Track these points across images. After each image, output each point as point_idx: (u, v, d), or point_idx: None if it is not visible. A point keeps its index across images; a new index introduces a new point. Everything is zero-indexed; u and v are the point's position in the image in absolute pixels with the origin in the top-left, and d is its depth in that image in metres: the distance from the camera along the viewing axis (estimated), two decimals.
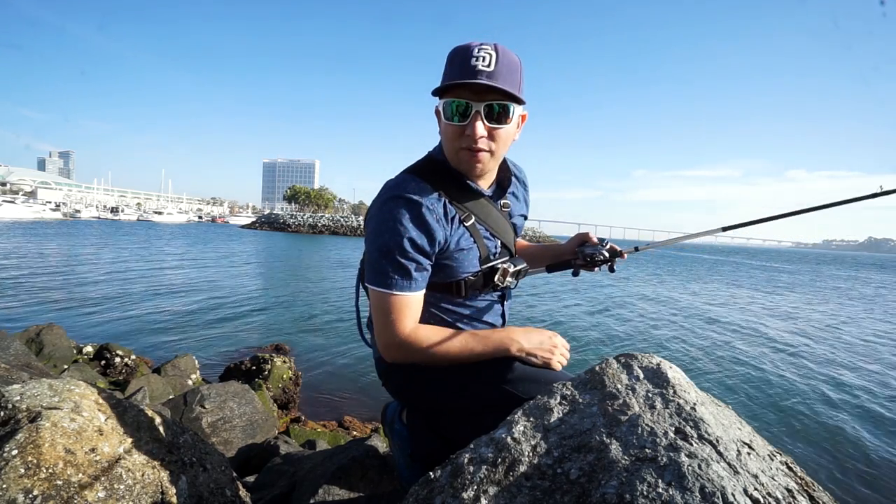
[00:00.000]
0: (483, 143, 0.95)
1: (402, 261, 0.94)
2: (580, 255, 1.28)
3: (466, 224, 1.03)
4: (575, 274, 1.31)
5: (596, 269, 1.28)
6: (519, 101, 0.96)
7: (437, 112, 1.00)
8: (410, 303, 0.97)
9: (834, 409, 5.31)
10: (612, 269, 1.29)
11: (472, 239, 1.04)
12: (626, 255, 1.29)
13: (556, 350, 1.04)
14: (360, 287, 1.31)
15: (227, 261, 19.02)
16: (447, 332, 1.01)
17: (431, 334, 0.99)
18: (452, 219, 1.00)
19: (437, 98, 0.98)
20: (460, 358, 0.99)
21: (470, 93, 0.92)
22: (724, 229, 1.41)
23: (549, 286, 14.28)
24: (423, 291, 1.00)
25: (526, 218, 1.26)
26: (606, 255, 1.24)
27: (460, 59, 0.91)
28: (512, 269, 1.11)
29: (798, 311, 13.36)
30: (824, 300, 16.80)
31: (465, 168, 1.01)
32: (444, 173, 1.03)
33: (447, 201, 1.00)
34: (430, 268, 0.99)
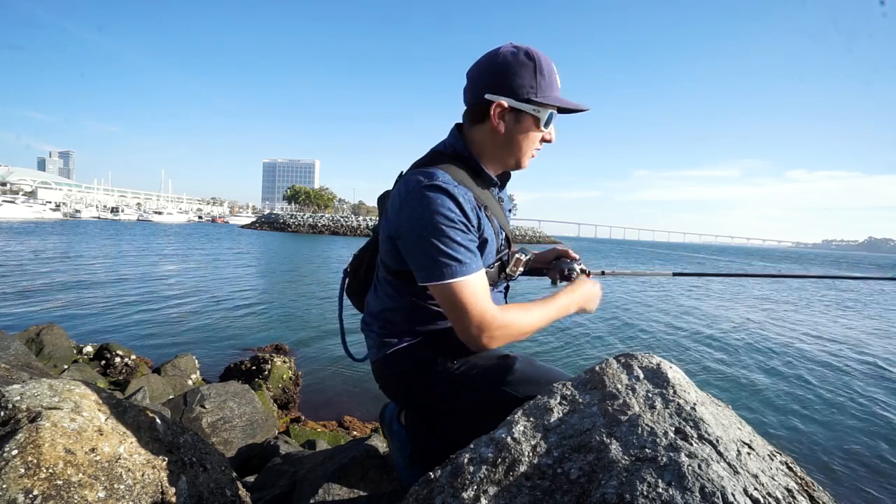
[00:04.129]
0: None
1: (462, 241, 0.92)
2: (555, 267, 1.32)
3: (487, 214, 1.03)
4: (554, 283, 1.35)
5: (560, 282, 1.31)
6: None
7: (507, 112, 1.00)
8: (483, 282, 0.95)
9: (834, 409, 5.31)
10: None
11: (492, 230, 1.04)
12: (591, 276, 1.32)
13: (600, 299, 1.23)
14: (345, 298, 1.33)
15: (227, 261, 19.01)
16: (527, 307, 1.01)
17: (519, 313, 0.98)
18: (478, 208, 1.01)
19: (516, 101, 0.98)
20: (540, 328, 1.03)
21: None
22: (675, 275, 1.51)
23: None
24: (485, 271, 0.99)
25: (510, 211, 1.28)
26: (578, 272, 1.30)
27: (554, 74, 1.01)
28: (524, 258, 1.13)
29: (796, 309, 13.37)
30: (820, 299, 16.80)
31: (524, 166, 1.09)
32: (461, 166, 1.03)
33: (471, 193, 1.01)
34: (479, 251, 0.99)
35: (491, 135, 1.03)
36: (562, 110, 1.04)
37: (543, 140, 1.07)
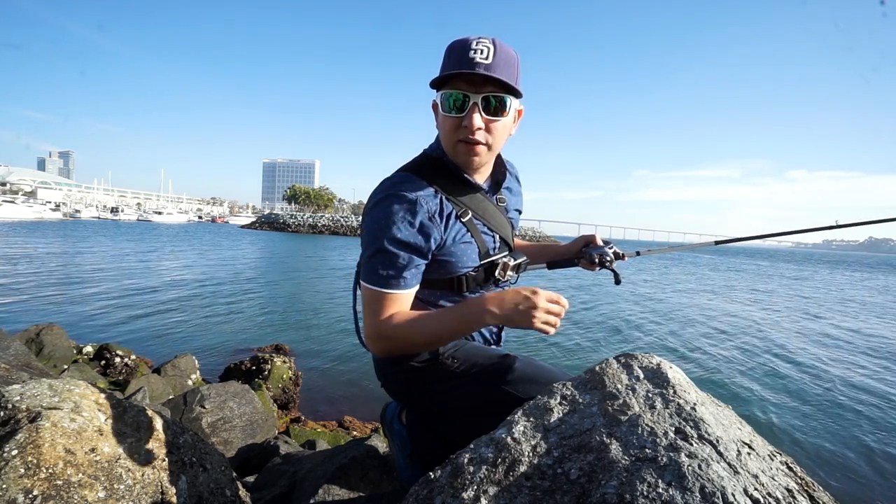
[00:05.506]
0: (480, 136, 0.95)
1: (394, 260, 0.94)
2: (586, 255, 1.29)
3: (463, 220, 1.02)
4: (617, 282, 1.30)
5: (597, 268, 1.28)
6: (516, 94, 0.96)
7: (435, 105, 1.00)
8: (397, 299, 0.96)
9: (834, 409, 5.31)
10: (617, 282, 1.30)
11: (469, 234, 1.04)
12: (626, 258, 1.34)
13: (537, 311, 0.88)
14: (358, 290, 1.32)
15: (227, 261, 19.01)
16: (420, 312, 0.97)
17: (405, 317, 0.96)
18: (449, 215, 1.00)
19: (436, 92, 0.98)
20: (438, 337, 0.95)
21: (467, 85, 0.92)
22: (717, 243, 1.63)
23: (551, 287, 14.27)
24: (414, 290, 0.99)
25: (520, 212, 1.27)
26: (612, 256, 1.27)
27: (458, 52, 0.91)
28: (512, 263, 1.12)
29: (797, 309, 13.36)
30: (822, 299, 16.80)
31: (462, 161, 1.00)
32: (441, 169, 1.03)
33: (444, 197, 1.00)
34: (422, 266, 0.99)
35: None
36: (446, 85, 0.94)
37: (463, 127, 0.94)
